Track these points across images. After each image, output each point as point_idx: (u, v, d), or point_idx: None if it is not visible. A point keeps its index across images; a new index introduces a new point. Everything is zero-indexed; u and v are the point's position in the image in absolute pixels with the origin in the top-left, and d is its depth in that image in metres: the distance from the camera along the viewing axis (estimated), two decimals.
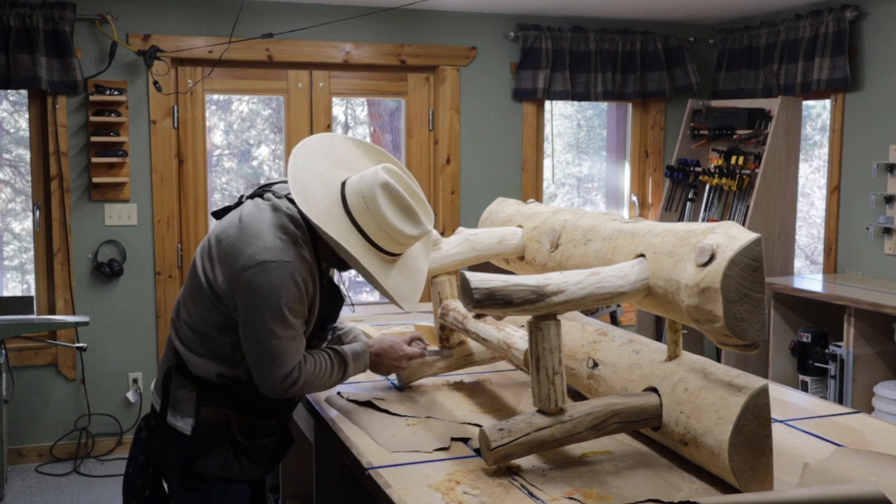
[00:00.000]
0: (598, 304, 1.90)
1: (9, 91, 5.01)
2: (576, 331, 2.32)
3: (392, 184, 2.11)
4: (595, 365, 2.16)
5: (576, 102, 6.05)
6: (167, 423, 2.25)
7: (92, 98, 4.70)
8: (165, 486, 2.37)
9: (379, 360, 2.38)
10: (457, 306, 2.45)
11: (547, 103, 5.70)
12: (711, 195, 5.43)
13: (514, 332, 2.14)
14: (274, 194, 2.21)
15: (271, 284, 2.05)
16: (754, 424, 1.72)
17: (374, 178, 2.12)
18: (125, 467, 2.38)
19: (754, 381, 1.75)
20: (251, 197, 2.25)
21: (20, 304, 4.38)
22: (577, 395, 2.28)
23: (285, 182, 2.22)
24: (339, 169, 2.22)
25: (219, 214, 2.31)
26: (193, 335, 2.21)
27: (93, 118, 4.71)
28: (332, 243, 2.09)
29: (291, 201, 2.16)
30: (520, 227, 2.57)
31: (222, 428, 2.22)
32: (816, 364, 4.50)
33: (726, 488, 1.78)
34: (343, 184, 2.17)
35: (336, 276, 2.43)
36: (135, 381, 4.98)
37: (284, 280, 2.06)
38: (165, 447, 2.27)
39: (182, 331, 2.24)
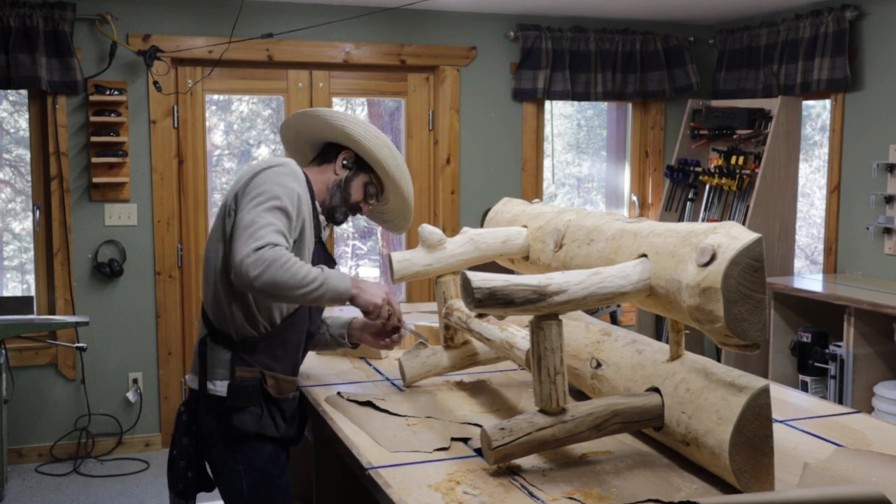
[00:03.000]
0: (599, 304, 1.90)
1: (9, 91, 5.01)
2: (579, 331, 2.32)
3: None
4: (598, 365, 2.16)
5: (576, 102, 6.05)
6: (208, 394, 2.37)
7: (92, 98, 4.69)
8: (209, 468, 2.48)
9: (360, 280, 2.40)
10: (461, 306, 2.44)
11: (547, 103, 5.70)
12: (711, 195, 5.43)
13: (516, 331, 2.14)
14: None
15: (269, 177, 2.30)
16: (755, 425, 1.72)
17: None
18: (168, 451, 2.50)
19: (755, 382, 1.75)
20: None
21: (20, 304, 4.38)
22: (580, 395, 2.28)
23: None
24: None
25: None
26: (222, 291, 2.35)
27: (93, 118, 4.71)
28: (381, 153, 2.47)
29: None
30: (524, 227, 2.57)
31: (256, 385, 2.35)
32: (816, 364, 4.50)
33: (727, 488, 1.78)
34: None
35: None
36: (135, 381, 4.98)
37: (282, 177, 2.30)
38: (208, 420, 2.39)
39: (211, 295, 2.39)
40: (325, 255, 2.49)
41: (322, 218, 2.51)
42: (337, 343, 2.68)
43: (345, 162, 2.52)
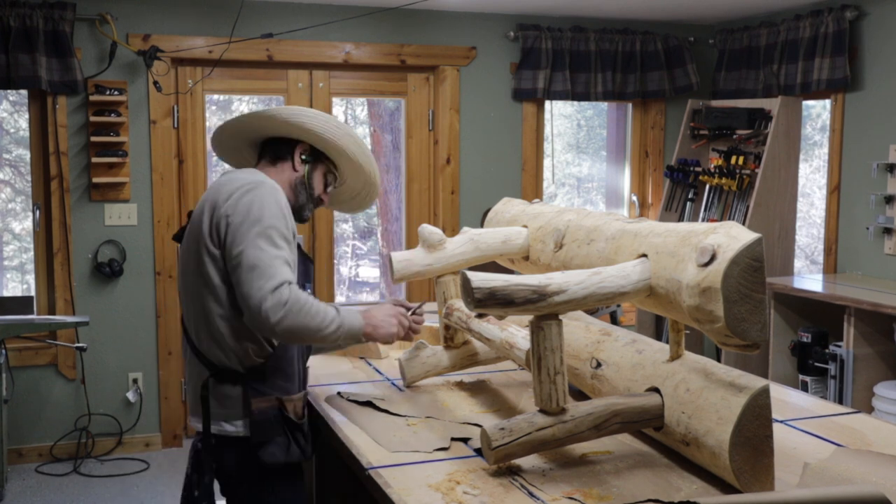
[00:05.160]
0: (599, 304, 1.90)
1: (9, 91, 5.01)
2: (580, 331, 2.32)
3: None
4: (598, 365, 2.16)
5: (576, 102, 6.05)
6: (221, 436, 2.22)
7: (92, 98, 4.69)
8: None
9: (370, 313, 2.29)
10: (461, 306, 2.45)
11: (547, 103, 5.70)
12: (711, 195, 5.43)
13: (516, 331, 2.14)
14: None
15: (253, 202, 2.13)
16: (755, 425, 1.72)
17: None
18: (183, 492, 2.32)
19: (755, 382, 1.75)
20: None
21: (20, 304, 4.38)
22: (580, 395, 2.28)
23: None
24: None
25: (179, 236, 2.34)
26: (224, 331, 2.19)
27: (93, 118, 4.71)
28: (344, 142, 2.33)
29: None
30: (525, 226, 2.57)
31: (277, 415, 2.22)
32: (816, 364, 4.50)
33: (727, 488, 1.78)
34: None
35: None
36: (135, 381, 4.98)
37: (267, 198, 2.15)
38: (230, 458, 2.24)
39: (207, 336, 2.21)
40: (301, 255, 2.35)
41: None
42: (352, 339, 2.48)
43: (303, 156, 2.36)
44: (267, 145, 2.40)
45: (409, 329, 2.35)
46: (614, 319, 4.54)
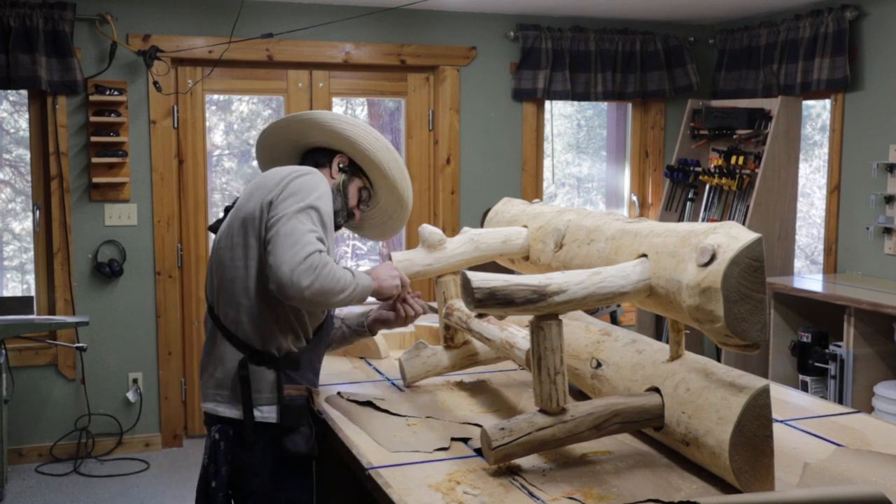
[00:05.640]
0: (599, 304, 1.90)
1: (9, 91, 5.01)
2: (580, 331, 2.32)
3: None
4: (598, 365, 2.16)
5: (576, 102, 6.05)
6: (255, 422, 2.24)
7: (92, 98, 4.69)
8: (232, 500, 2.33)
9: (374, 272, 2.37)
10: (461, 306, 2.45)
11: (547, 103, 5.70)
12: (711, 195, 5.43)
13: (516, 331, 2.14)
14: None
15: (303, 184, 2.21)
16: (755, 425, 1.72)
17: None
18: (199, 482, 2.29)
19: (755, 382, 1.75)
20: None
21: (20, 304, 4.38)
22: (580, 395, 2.28)
23: None
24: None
25: (215, 227, 2.40)
26: (264, 309, 2.24)
27: (93, 118, 4.71)
28: (382, 156, 2.42)
29: None
30: (525, 226, 2.58)
31: (304, 404, 2.27)
32: (816, 364, 4.50)
33: (727, 488, 1.78)
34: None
35: None
36: (135, 381, 4.98)
37: (318, 184, 2.23)
38: (257, 449, 2.26)
39: (247, 316, 2.25)
40: None
41: None
42: (356, 334, 2.60)
43: (341, 166, 2.45)
44: (307, 156, 2.49)
45: (405, 302, 2.47)
46: (614, 319, 4.54)
